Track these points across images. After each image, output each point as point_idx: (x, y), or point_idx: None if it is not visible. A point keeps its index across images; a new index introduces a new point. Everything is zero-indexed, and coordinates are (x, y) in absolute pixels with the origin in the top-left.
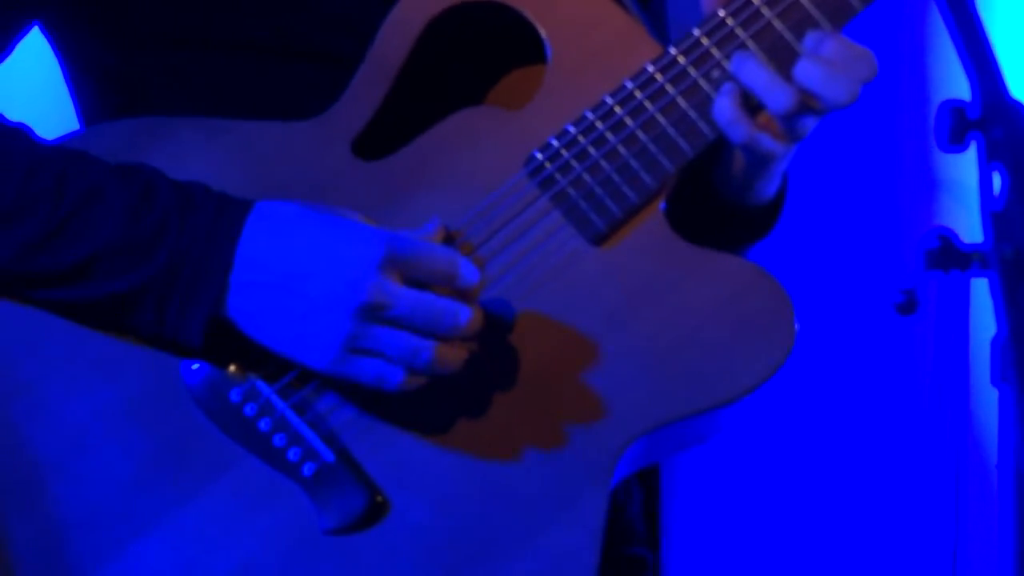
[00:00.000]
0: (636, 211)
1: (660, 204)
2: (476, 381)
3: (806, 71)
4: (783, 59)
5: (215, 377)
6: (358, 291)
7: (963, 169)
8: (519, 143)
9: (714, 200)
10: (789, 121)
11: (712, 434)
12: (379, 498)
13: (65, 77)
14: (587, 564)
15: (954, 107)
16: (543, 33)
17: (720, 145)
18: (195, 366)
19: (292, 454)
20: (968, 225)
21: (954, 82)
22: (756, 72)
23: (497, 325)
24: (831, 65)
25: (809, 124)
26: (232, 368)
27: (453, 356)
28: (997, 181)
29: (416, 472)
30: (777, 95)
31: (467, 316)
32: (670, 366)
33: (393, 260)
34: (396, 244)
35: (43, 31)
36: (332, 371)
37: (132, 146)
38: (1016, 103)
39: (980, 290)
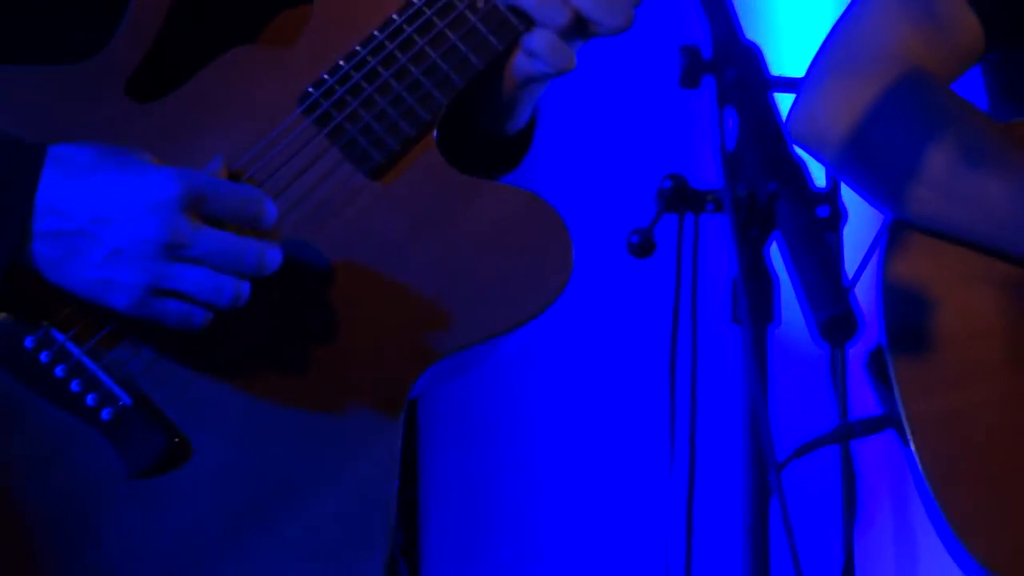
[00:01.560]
0: (412, 143)
1: (433, 135)
2: (271, 321)
3: None
4: None
5: (7, 325)
6: (156, 231)
7: (701, 110)
8: (293, 80)
9: (470, 130)
10: (563, 43)
11: (480, 363)
12: (178, 439)
13: None
14: (387, 496)
15: (688, 48)
16: None
17: (483, 73)
18: None
19: (90, 399)
20: (705, 167)
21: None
22: None
23: (287, 265)
24: None
25: (576, 48)
26: (24, 315)
27: (248, 291)
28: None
29: (216, 412)
30: (552, 12)
31: (275, 256)
32: (456, 295)
33: (191, 199)
34: (194, 182)
35: None
36: (135, 313)
37: None
38: (749, 44)
39: (714, 230)
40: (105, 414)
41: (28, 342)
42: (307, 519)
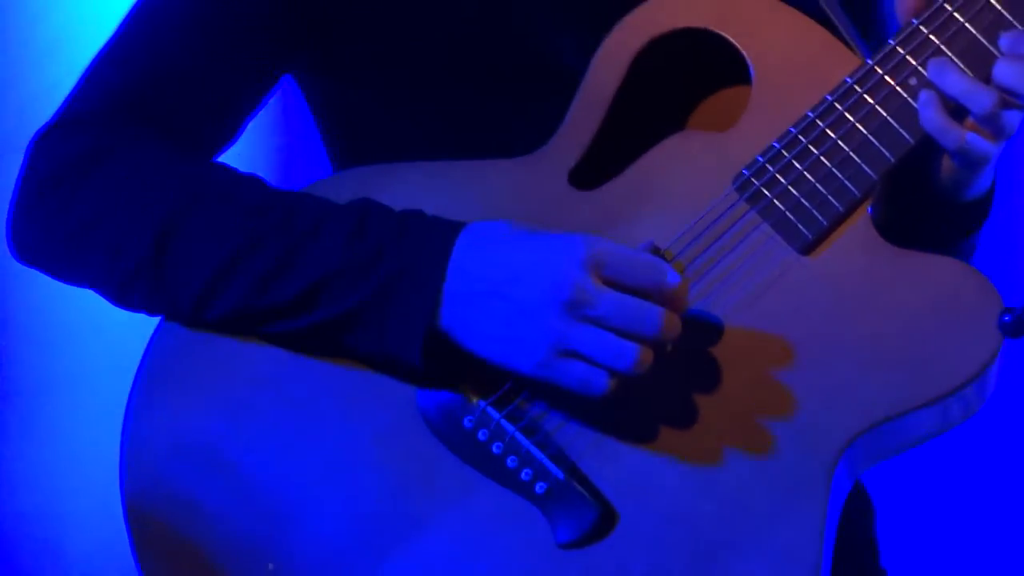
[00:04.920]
0: (842, 219)
1: (867, 209)
2: (694, 393)
3: (1004, 71)
4: (979, 61)
5: (449, 406)
6: (560, 289)
7: None
8: (730, 163)
9: (928, 198)
10: (994, 121)
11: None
12: (608, 510)
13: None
14: (811, 563)
15: None
16: (747, 55)
17: (930, 146)
18: (429, 391)
19: (524, 474)
20: None
21: None
22: (955, 79)
23: (710, 337)
24: None
25: (1016, 119)
26: (463, 396)
27: (651, 359)
28: None
29: (641, 483)
30: (978, 98)
31: (668, 319)
32: (880, 368)
33: (595, 260)
34: (597, 245)
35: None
36: (539, 375)
37: (355, 195)
38: None
39: None
40: (539, 488)
41: (467, 422)
42: None
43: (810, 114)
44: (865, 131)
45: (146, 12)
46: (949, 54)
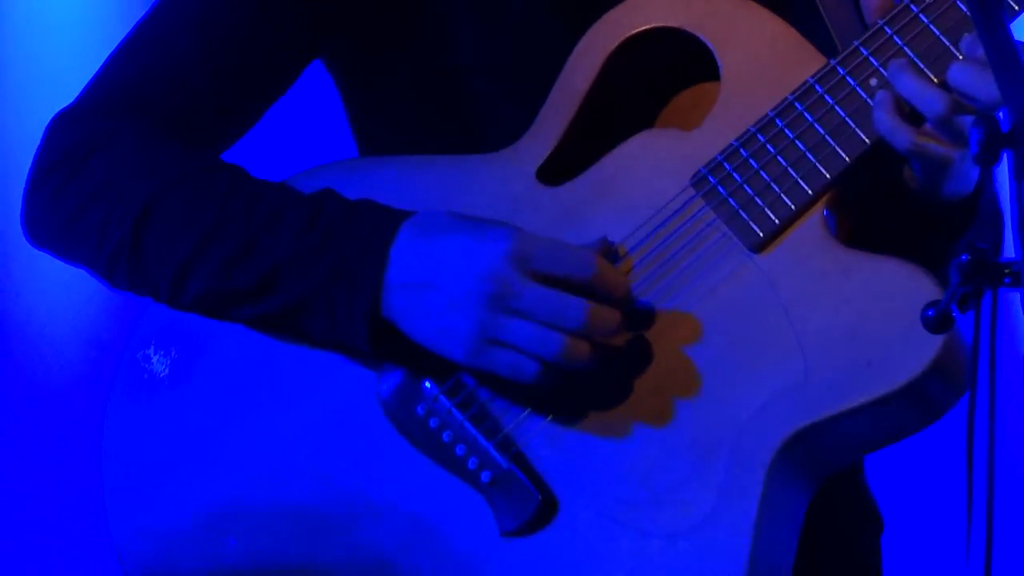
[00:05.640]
0: (795, 218)
1: (822, 211)
2: (636, 385)
3: (957, 73)
4: (940, 64)
5: (404, 393)
6: (486, 282)
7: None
8: (692, 161)
9: (900, 201)
10: (948, 125)
11: (886, 435)
12: (550, 499)
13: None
14: (740, 561)
15: (986, 118)
16: (717, 55)
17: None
18: (387, 380)
19: (471, 463)
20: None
21: None
22: (908, 80)
23: (657, 331)
24: (984, 65)
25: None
26: (417, 383)
27: (583, 350)
28: None
29: (582, 474)
30: (928, 100)
31: (592, 312)
32: (822, 367)
33: (519, 254)
34: (525, 239)
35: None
36: (472, 362)
37: (330, 187)
38: None
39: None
40: (484, 476)
41: (420, 409)
42: (661, 572)
43: (770, 113)
44: (822, 131)
45: (164, 8)
46: (912, 55)
